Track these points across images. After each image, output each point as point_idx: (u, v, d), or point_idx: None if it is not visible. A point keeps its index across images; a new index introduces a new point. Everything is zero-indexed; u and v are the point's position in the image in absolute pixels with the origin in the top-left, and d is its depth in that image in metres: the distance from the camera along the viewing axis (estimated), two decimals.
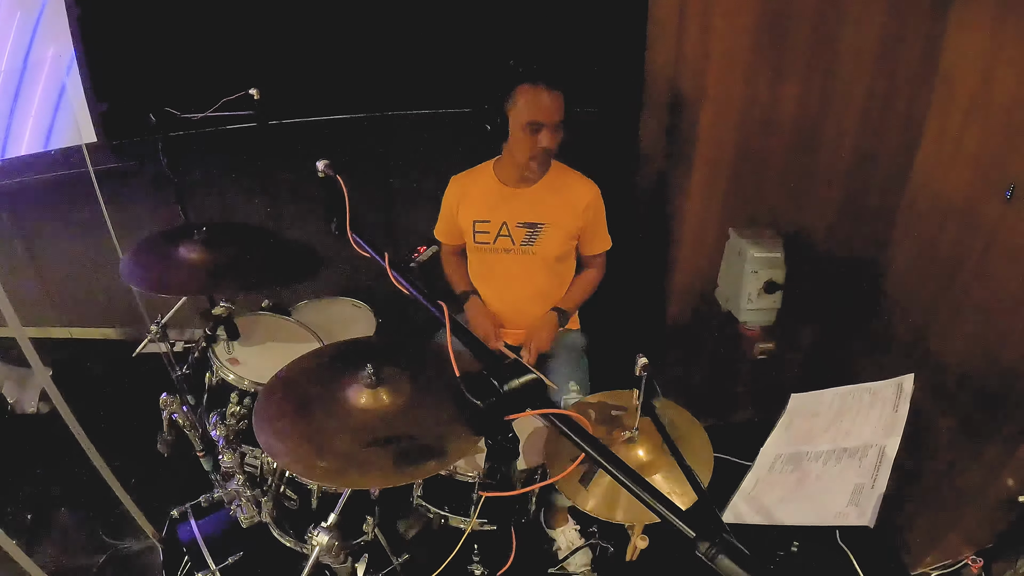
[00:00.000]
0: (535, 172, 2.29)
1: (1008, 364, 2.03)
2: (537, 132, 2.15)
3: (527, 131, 2.15)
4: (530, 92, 2.11)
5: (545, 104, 2.11)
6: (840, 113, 2.40)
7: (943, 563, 2.22)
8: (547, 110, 2.12)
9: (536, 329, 2.36)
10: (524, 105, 2.12)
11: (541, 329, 2.35)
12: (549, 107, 2.11)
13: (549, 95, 2.10)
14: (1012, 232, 2.00)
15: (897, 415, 1.54)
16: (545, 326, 2.36)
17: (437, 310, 1.31)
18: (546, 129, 2.14)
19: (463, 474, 1.84)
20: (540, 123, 2.14)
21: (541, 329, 2.35)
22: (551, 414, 1.04)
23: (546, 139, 2.16)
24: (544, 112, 2.12)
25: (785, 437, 1.74)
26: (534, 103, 2.11)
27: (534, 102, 2.11)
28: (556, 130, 2.16)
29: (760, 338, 2.62)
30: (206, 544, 2.19)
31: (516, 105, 2.13)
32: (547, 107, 2.11)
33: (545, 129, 2.14)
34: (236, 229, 2.30)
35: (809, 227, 2.63)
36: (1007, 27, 1.99)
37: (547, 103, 2.11)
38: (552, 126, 2.15)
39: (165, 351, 2.17)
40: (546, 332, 2.34)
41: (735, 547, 0.85)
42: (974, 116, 2.14)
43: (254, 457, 2.05)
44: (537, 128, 2.15)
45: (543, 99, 2.10)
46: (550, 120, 2.13)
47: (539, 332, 2.34)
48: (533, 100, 2.11)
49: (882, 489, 1.39)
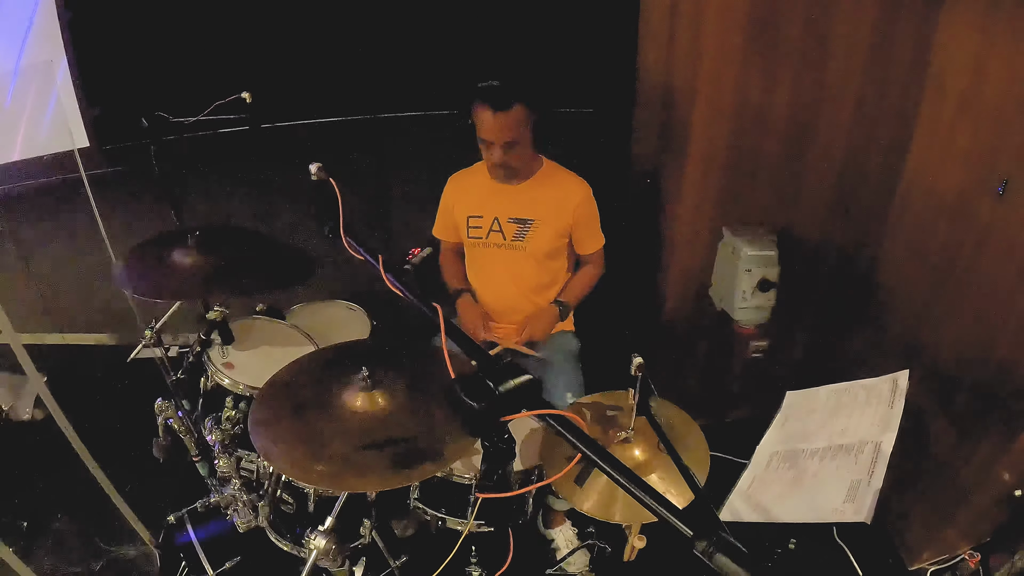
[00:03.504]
0: (501, 180, 2.35)
1: (1002, 358, 2.03)
2: (489, 148, 2.23)
3: (482, 145, 2.24)
4: (479, 112, 2.18)
5: (490, 125, 2.17)
6: (832, 111, 2.41)
7: (940, 558, 2.22)
8: (492, 130, 2.18)
9: (534, 318, 2.39)
10: (477, 123, 2.21)
11: (539, 318, 2.38)
12: (493, 128, 2.17)
13: (494, 117, 2.15)
14: (1004, 227, 2.01)
15: (892, 411, 1.54)
16: (544, 315, 2.39)
17: (432, 312, 1.31)
18: (495, 146, 2.21)
19: (460, 476, 1.84)
20: (490, 142, 2.21)
21: (539, 318, 2.38)
22: (547, 415, 1.04)
23: (496, 156, 2.23)
24: (490, 132, 2.19)
25: (781, 435, 1.74)
26: (484, 123, 2.18)
27: (484, 122, 2.18)
28: (508, 147, 2.22)
29: (755, 336, 2.62)
30: (203, 549, 2.20)
31: (475, 120, 2.22)
32: (492, 128, 2.18)
33: (494, 146, 2.21)
34: (230, 233, 2.30)
35: (802, 225, 2.63)
36: (997, 24, 2.00)
37: (491, 124, 2.17)
38: (500, 145, 2.20)
39: (160, 356, 2.16)
40: (543, 322, 2.37)
41: (732, 545, 0.85)
42: (965, 112, 2.15)
43: (250, 461, 2.04)
44: (488, 145, 2.22)
45: (488, 120, 2.17)
46: (497, 140, 2.20)
47: (536, 320, 2.37)
48: (483, 120, 2.18)
49: (878, 485, 1.39)
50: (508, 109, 2.14)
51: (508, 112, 2.14)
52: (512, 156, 2.23)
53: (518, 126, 2.18)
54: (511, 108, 2.14)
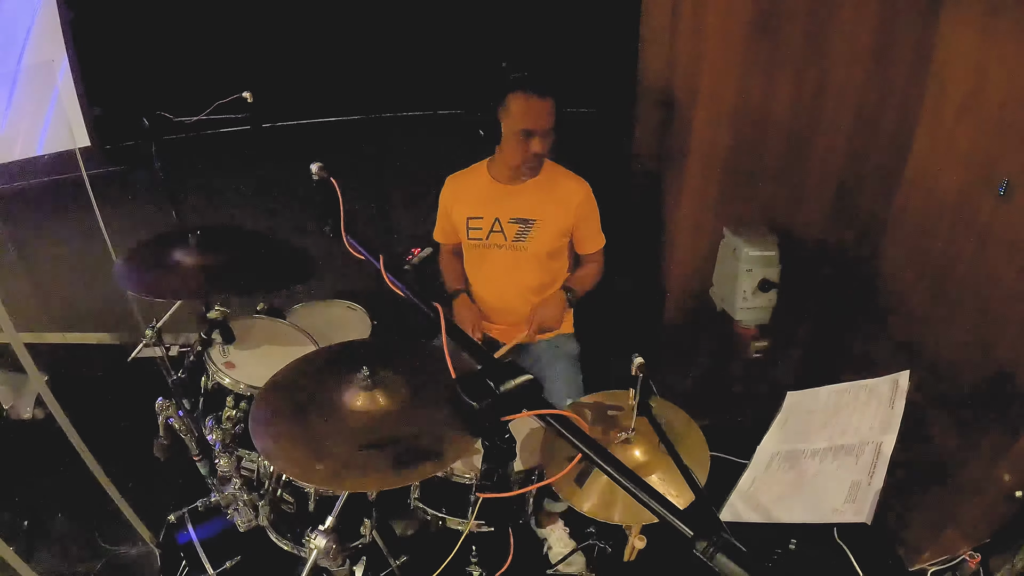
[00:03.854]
0: (527, 175, 2.34)
1: (1003, 359, 2.03)
2: (529, 139, 2.20)
3: (519, 137, 2.20)
4: (522, 100, 2.15)
5: (536, 112, 2.16)
6: (833, 112, 2.41)
7: (941, 559, 2.22)
8: (538, 118, 2.17)
9: (542, 304, 2.36)
10: (517, 113, 2.17)
11: (549, 306, 2.34)
12: (540, 115, 2.16)
13: (540, 103, 2.14)
14: (1005, 228, 2.01)
15: (893, 412, 1.54)
16: (552, 301, 2.36)
17: (432, 312, 1.31)
18: (538, 136, 2.20)
19: (460, 476, 1.84)
20: (532, 131, 2.19)
21: (549, 306, 2.34)
22: (547, 415, 1.04)
23: (537, 145, 2.21)
24: (536, 120, 2.17)
25: (782, 435, 1.74)
26: (526, 111, 2.16)
27: (526, 110, 2.16)
28: (547, 136, 2.21)
29: (755, 337, 2.62)
30: (203, 549, 2.20)
31: (509, 112, 2.18)
32: (538, 115, 2.16)
33: (537, 136, 2.19)
34: (230, 232, 2.30)
35: (803, 225, 2.63)
36: (998, 25, 2.00)
37: (538, 111, 2.15)
38: (543, 132, 2.19)
39: (160, 355, 2.16)
40: (552, 308, 2.33)
41: (733, 546, 0.85)
42: (966, 114, 2.15)
43: (251, 461, 2.04)
44: (529, 135, 2.19)
45: (535, 107, 2.15)
46: (541, 128, 2.18)
47: (545, 308, 2.34)
48: (525, 108, 2.16)
49: (879, 486, 1.39)
50: (549, 95, 2.14)
51: (549, 99, 2.14)
52: (548, 144, 2.22)
53: (553, 115, 2.18)
54: (549, 95, 2.14)
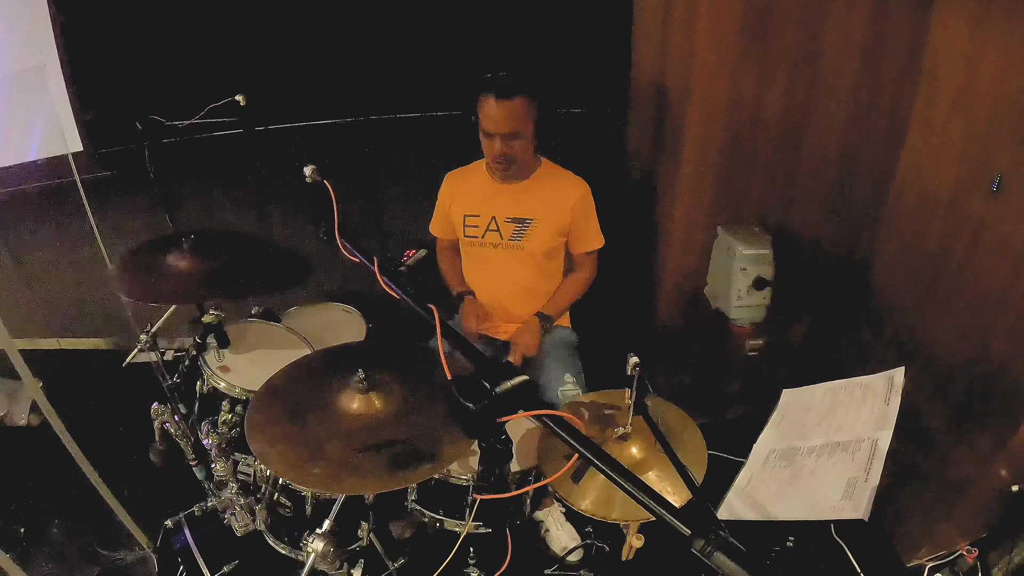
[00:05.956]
0: (497, 175, 2.37)
1: (997, 354, 2.04)
2: (491, 140, 2.23)
3: (483, 138, 2.25)
4: (483, 102, 2.18)
5: (495, 115, 2.17)
6: (826, 110, 2.41)
7: (938, 554, 2.22)
8: (495, 121, 2.18)
9: (519, 334, 2.39)
10: (481, 114, 2.21)
11: (524, 334, 2.38)
12: (497, 118, 2.18)
13: (499, 106, 2.15)
14: (998, 224, 2.01)
15: (889, 408, 1.55)
16: (528, 330, 2.39)
17: (427, 314, 1.31)
18: (498, 138, 2.21)
19: (457, 477, 1.84)
20: (491, 133, 2.21)
21: (524, 334, 2.38)
22: (543, 415, 1.04)
23: (498, 147, 2.23)
24: (493, 123, 2.19)
25: (778, 433, 1.75)
26: (487, 113, 2.19)
27: (486, 112, 2.19)
28: (510, 139, 2.22)
29: (750, 335, 2.62)
30: (201, 553, 2.18)
31: (479, 113, 2.22)
32: (495, 118, 2.18)
33: (497, 138, 2.21)
34: (224, 236, 2.29)
35: (797, 223, 2.63)
36: (989, 22, 2.00)
37: (495, 114, 2.17)
38: (503, 136, 2.21)
39: (155, 360, 2.15)
40: (529, 337, 2.37)
41: (730, 544, 0.85)
42: (958, 110, 2.16)
43: (247, 465, 2.04)
44: (490, 136, 2.22)
45: (492, 110, 2.17)
46: (498, 131, 2.20)
47: (522, 337, 2.37)
48: (484, 110, 2.19)
49: (875, 482, 1.39)
50: (511, 98, 2.14)
51: (511, 101, 2.15)
52: (511, 147, 2.23)
53: (519, 118, 2.18)
54: (514, 98, 2.15)
